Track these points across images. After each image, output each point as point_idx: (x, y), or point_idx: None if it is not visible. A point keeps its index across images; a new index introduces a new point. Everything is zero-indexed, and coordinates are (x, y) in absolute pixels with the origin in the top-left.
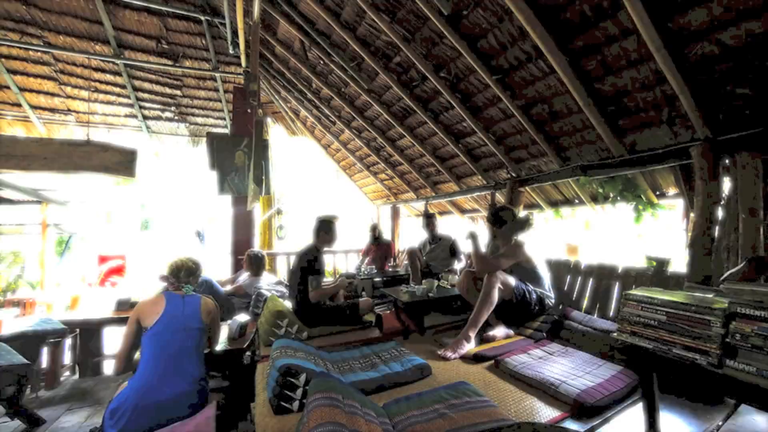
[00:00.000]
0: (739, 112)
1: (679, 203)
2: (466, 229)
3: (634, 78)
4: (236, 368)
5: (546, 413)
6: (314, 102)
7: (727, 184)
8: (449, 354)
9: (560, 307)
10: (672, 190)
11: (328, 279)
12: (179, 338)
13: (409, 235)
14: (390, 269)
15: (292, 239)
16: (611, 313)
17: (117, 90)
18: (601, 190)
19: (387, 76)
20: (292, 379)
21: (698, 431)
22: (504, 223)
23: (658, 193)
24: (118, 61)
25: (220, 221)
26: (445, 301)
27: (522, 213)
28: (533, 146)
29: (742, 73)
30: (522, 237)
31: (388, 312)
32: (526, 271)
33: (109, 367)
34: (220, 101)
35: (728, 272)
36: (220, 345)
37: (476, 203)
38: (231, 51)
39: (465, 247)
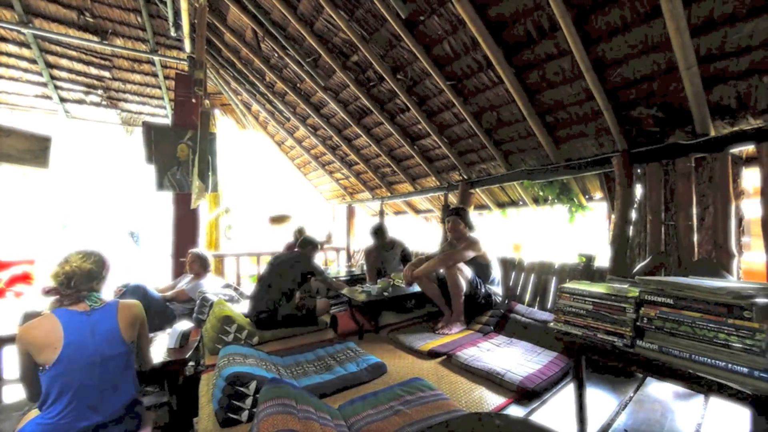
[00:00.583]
0: (648, 129)
1: (603, 206)
2: (425, 236)
3: (569, 93)
4: (177, 381)
5: (493, 400)
6: (267, 96)
7: (639, 190)
8: (446, 331)
9: (506, 301)
10: (598, 194)
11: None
12: (95, 375)
13: (365, 235)
14: (345, 268)
15: (242, 239)
16: (549, 305)
17: (24, 65)
18: (541, 193)
19: (344, 74)
20: (241, 388)
21: (616, 402)
22: (464, 219)
23: (587, 196)
24: (24, 30)
25: (159, 220)
26: (399, 300)
27: (472, 212)
28: (483, 150)
29: (651, 97)
30: (476, 234)
31: (344, 312)
32: (481, 266)
33: (11, 394)
34: (160, 87)
35: (639, 265)
36: (159, 356)
37: (430, 203)
38: (173, 33)
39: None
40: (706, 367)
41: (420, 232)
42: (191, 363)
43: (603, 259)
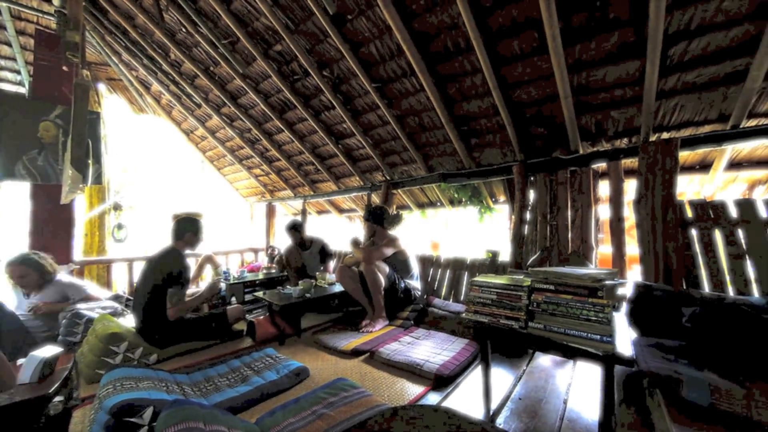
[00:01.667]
0: (538, 143)
1: (506, 208)
2: (349, 236)
3: (480, 107)
4: (37, 424)
5: (413, 390)
6: (172, 76)
7: (532, 195)
8: (370, 329)
9: (425, 296)
10: (502, 198)
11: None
12: None
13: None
14: (264, 271)
15: (138, 241)
16: (462, 297)
17: None
18: (456, 195)
19: (266, 63)
20: (132, 419)
21: (513, 376)
22: (382, 219)
23: (494, 199)
24: None
25: (6, 218)
26: (322, 301)
27: (394, 211)
28: (405, 153)
29: (541, 118)
30: (395, 232)
31: (262, 318)
32: (399, 262)
33: None
34: (9, 45)
35: (531, 259)
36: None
37: (354, 203)
38: None
39: (346, 247)
40: (575, 338)
41: (343, 231)
42: (58, 398)
43: (506, 254)
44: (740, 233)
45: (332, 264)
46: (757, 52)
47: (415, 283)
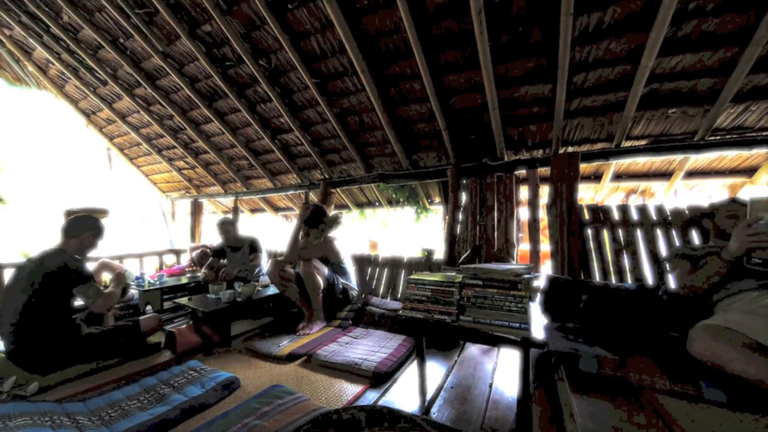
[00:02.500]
0: (470, 149)
1: (441, 208)
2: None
3: (419, 111)
4: None
5: (352, 390)
6: (65, 43)
7: (464, 197)
8: (307, 331)
9: (362, 296)
10: (437, 199)
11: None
12: None
13: (214, 234)
14: (188, 274)
15: (17, 241)
16: (399, 295)
17: None
18: (394, 196)
19: (192, 44)
20: None
21: (446, 367)
22: (319, 221)
23: (430, 200)
24: None
25: None
26: (256, 304)
27: (333, 212)
28: (345, 152)
29: (472, 126)
30: (333, 233)
31: (185, 327)
32: (338, 263)
33: None
34: None
35: (463, 256)
36: None
37: (291, 202)
38: None
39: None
40: (499, 328)
41: (279, 231)
42: None
43: (440, 252)
44: (620, 232)
45: (262, 257)
46: (632, 87)
47: (353, 283)
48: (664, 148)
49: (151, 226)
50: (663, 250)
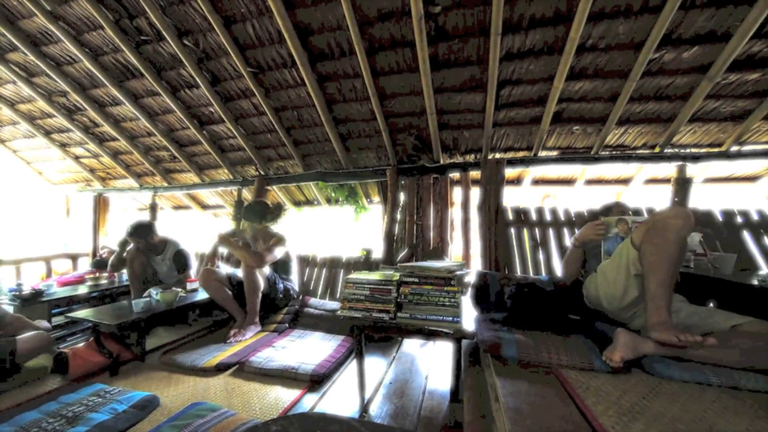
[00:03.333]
0: (409, 151)
1: (380, 208)
2: (215, 232)
3: (359, 110)
4: None
5: (288, 396)
6: None
7: (402, 197)
8: (239, 338)
9: (300, 297)
10: (377, 198)
11: None
12: None
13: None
14: (89, 282)
15: None
16: (338, 295)
17: None
18: (333, 194)
19: (95, 7)
20: None
21: (385, 363)
22: (264, 215)
23: (369, 199)
24: None
25: None
26: (177, 313)
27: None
28: (282, 148)
29: (411, 128)
30: (278, 229)
31: (82, 345)
32: (282, 262)
33: None
34: None
35: (400, 255)
36: None
37: (221, 198)
38: None
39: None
40: (434, 322)
41: (207, 229)
42: None
43: (379, 251)
44: (537, 231)
45: (192, 272)
46: (546, 104)
47: (295, 282)
48: (570, 158)
49: (37, 225)
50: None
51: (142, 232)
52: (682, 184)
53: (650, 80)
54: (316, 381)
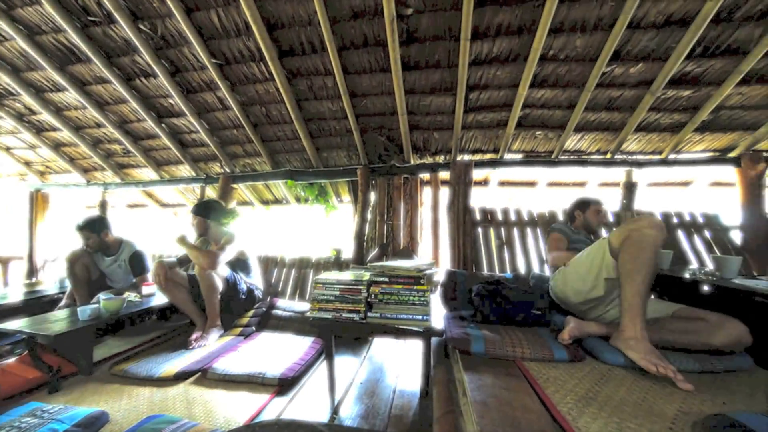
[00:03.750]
0: (380, 151)
1: (351, 207)
2: (175, 233)
3: (330, 108)
4: None
5: (255, 402)
6: None
7: (373, 197)
8: (202, 342)
9: (268, 299)
10: (347, 198)
11: None
12: None
13: (71, 234)
14: (26, 289)
15: None
16: (307, 296)
17: None
18: (303, 193)
19: None
20: None
21: (356, 363)
22: (217, 214)
23: (339, 199)
24: None
25: None
26: (132, 319)
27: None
28: (249, 145)
29: (383, 128)
30: (232, 229)
31: (13, 361)
32: (240, 261)
33: None
34: None
35: (371, 254)
36: None
37: (183, 196)
38: None
39: (173, 250)
40: (404, 321)
41: (167, 229)
42: None
43: (350, 251)
44: (502, 231)
45: (149, 276)
46: (512, 109)
47: (258, 282)
48: (533, 161)
49: None
50: (532, 245)
51: (95, 226)
52: (629, 188)
53: (603, 91)
54: (284, 385)
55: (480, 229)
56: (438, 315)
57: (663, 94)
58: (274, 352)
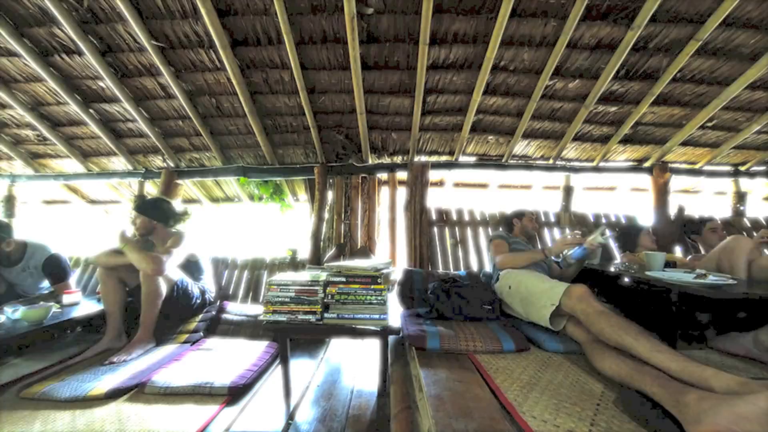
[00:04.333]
0: (338, 150)
1: (307, 206)
2: (117, 233)
3: (287, 104)
4: None
5: (202, 415)
6: None
7: (330, 196)
8: (124, 357)
9: (218, 302)
10: (304, 196)
11: None
12: None
13: None
14: None
15: None
16: (261, 299)
17: None
18: (257, 191)
19: None
20: None
21: (314, 364)
22: (165, 215)
23: (295, 197)
24: None
25: None
26: (49, 333)
27: (179, 205)
28: (197, 138)
29: (341, 127)
30: (181, 229)
31: None
32: (191, 263)
33: None
34: None
35: (328, 254)
36: None
37: (117, 192)
38: None
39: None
40: (361, 321)
41: (97, 229)
42: None
43: (306, 251)
44: (457, 230)
45: (72, 282)
46: (467, 113)
47: (209, 284)
48: (485, 164)
49: None
50: (484, 244)
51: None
52: (568, 192)
53: (546, 102)
54: (235, 393)
55: (436, 229)
56: (395, 313)
57: (594, 108)
58: (224, 359)
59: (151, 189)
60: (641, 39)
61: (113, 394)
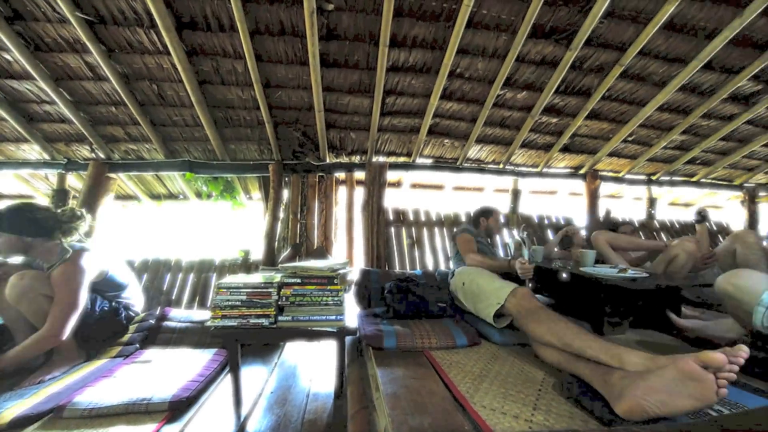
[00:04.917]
0: (294, 148)
1: (261, 205)
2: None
3: (240, 96)
4: None
5: None
6: None
7: (285, 194)
8: (45, 376)
9: (157, 310)
10: (257, 194)
11: None
12: None
13: None
14: None
15: None
16: (209, 304)
17: None
18: (205, 189)
19: None
20: None
21: (267, 370)
22: (38, 226)
23: (248, 195)
24: None
25: None
26: None
27: (66, 208)
28: (134, 127)
29: (298, 123)
30: (75, 238)
31: None
32: (102, 283)
33: None
34: None
35: (282, 255)
36: None
37: (29, 185)
38: None
39: None
40: (317, 323)
41: None
42: None
43: (259, 251)
44: (413, 230)
45: None
46: (424, 116)
47: (135, 297)
48: (441, 167)
49: None
50: (439, 244)
51: None
52: (516, 194)
53: (498, 110)
54: (178, 408)
55: (393, 229)
56: (352, 314)
57: (539, 118)
58: (165, 371)
59: (76, 183)
60: (578, 59)
61: (20, 423)
